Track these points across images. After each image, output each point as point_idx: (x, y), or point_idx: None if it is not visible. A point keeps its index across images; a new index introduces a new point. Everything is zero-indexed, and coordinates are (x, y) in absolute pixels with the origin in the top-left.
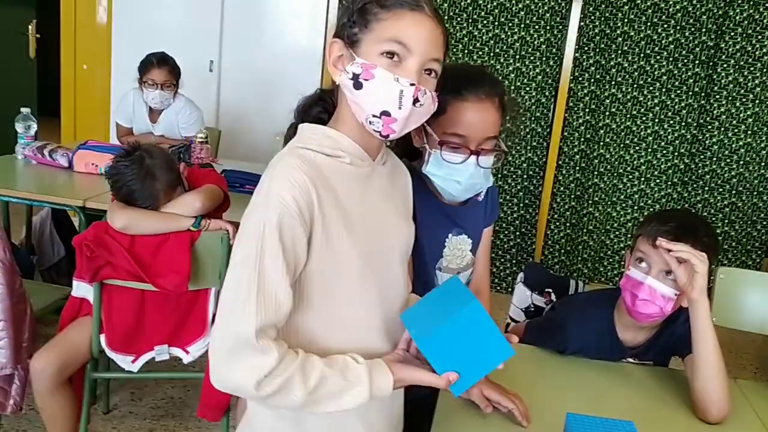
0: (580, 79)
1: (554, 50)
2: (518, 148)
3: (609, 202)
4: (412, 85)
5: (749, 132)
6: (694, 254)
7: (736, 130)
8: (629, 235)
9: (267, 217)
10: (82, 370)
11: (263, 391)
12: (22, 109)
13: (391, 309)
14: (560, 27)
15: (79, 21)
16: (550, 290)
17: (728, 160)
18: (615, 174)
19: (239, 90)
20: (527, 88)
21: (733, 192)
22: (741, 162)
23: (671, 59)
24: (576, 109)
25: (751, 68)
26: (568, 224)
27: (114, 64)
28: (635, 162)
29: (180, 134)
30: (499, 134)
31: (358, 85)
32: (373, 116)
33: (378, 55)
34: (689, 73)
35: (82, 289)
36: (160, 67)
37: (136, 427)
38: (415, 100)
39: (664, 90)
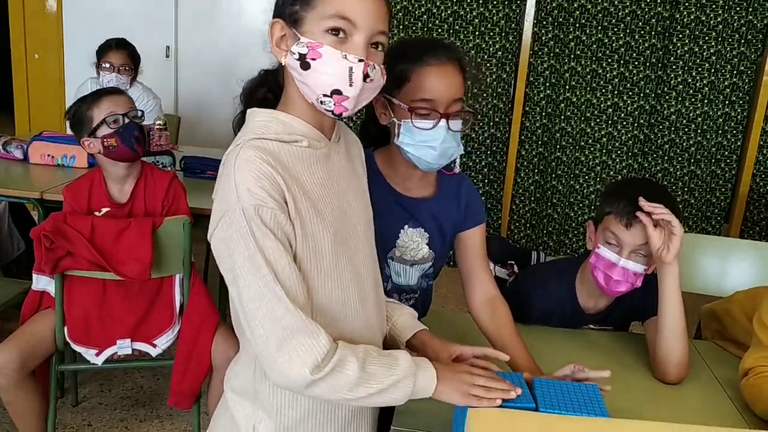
0: (540, 53)
1: (513, 25)
2: (481, 124)
3: (572, 175)
4: (360, 61)
5: (706, 101)
6: (674, 217)
7: (693, 100)
8: (592, 207)
9: (247, 216)
10: (46, 363)
11: (322, 372)
12: None
13: (365, 288)
14: (518, 2)
15: (28, 10)
16: (513, 262)
17: (686, 130)
18: (577, 147)
19: (197, 75)
20: (488, 65)
21: (692, 161)
22: (699, 131)
23: (628, 31)
24: (536, 83)
25: (706, 38)
26: (532, 198)
27: (66, 52)
28: (596, 134)
29: None
30: (464, 98)
31: (305, 66)
32: (324, 96)
33: (323, 32)
34: (646, 45)
35: (42, 282)
36: (118, 50)
37: (106, 417)
38: (366, 76)
39: (622, 62)
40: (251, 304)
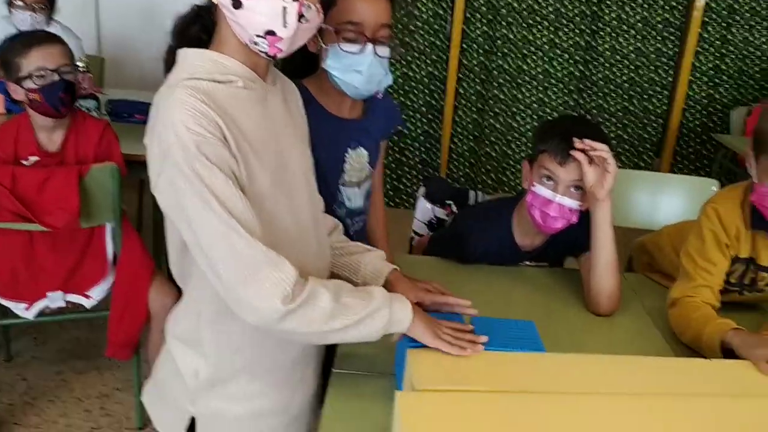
0: None
1: None
2: (418, 63)
3: (509, 113)
4: (295, 0)
5: (639, 37)
6: (609, 153)
7: (626, 36)
8: (530, 144)
9: (189, 155)
10: None
11: (294, 303)
12: None
13: (305, 233)
14: None
15: None
16: (451, 202)
17: (620, 66)
18: (514, 84)
19: (121, 13)
20: (423, 0)
21: (625, 96)
22: (632, 67)
23: None
24: (473, 20)
25: None
26: (471, 137)
27: None
28: (533, 71)
29: None
30: (391, 25)
31: (237, 4)
32: (258, 36)
33: None
34: None
35: None
36: None
37: (42, 372)
38: (300, 16)
39: None
40: (209, 245)
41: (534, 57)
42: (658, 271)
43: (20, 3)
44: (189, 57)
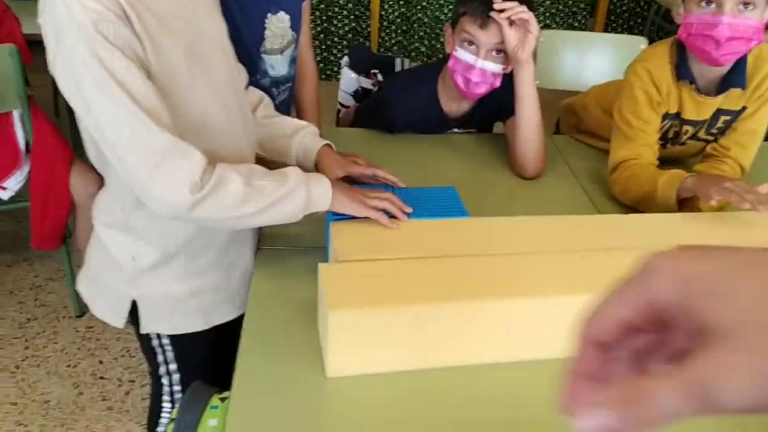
0: None
1: None
2: None
3: None
4: None
5: None
6: (529, 14)
7: None
8: None
9: (86, 34)
10: None
11: (203, 191)
12: None
13: (227, 102)
14: None
15: None
16: (377, 71)
17: None
18: None
19: None
20: None
21: None
22: None
23: None
24: None
25: None
26: (401, 2)
27: None
28: None
29: None
30: None
31: None
32: None
33: None
34: None
35: None
36: None
37: None
38: None
39: None
40: (112, 134)
41: None
42: (586, 132)
43: None
44: None
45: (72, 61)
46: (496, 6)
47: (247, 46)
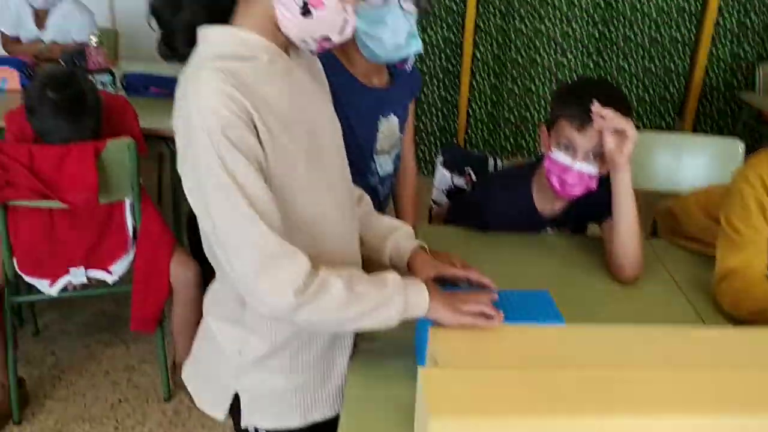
0: None
1: None
2: (434, 26)
3: (528, 76)
4: (355, 13)
5: None
6: (627, 121)
7: None
8: (549, 108)
9: (214, 138)
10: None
11: (306, 294)
12: None
13: (341, 202)
14: None
15: None
16: (470, 170)
17: (641, 25)
18: (532, 47)
19: None
20: None
21: (647, 56)
22: (653, 26)
23: None
24: None
25: None
26: (488, 101)
27: None
28: (551, 33)
29: (72, 39)
30: None
31: (306, 13)
32: (311, 38)
33: None
34: None
35: None
36: None
37: (70, 345)
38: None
39: None
40: (225, 233)
41: (552, 18)
42: (685, 236)
43: None
44: (211, 35)
45: (198, 163)
46: (594, 110)
47: (361, 148)
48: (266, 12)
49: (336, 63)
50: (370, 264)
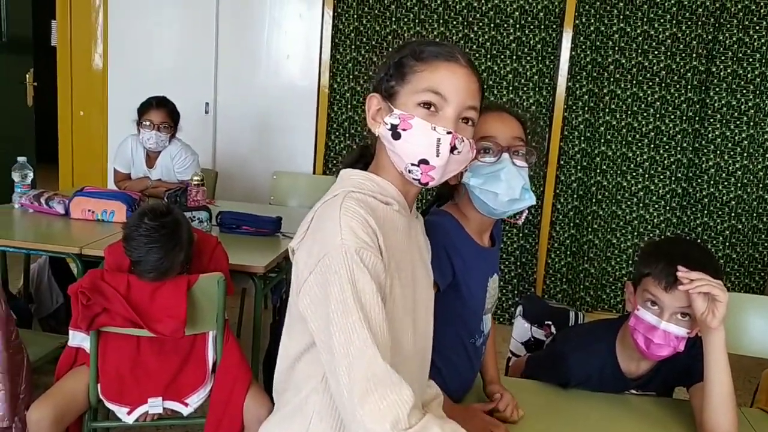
0: (574, 107)
1: (547, 80)
2: None
3: (608, 229)
4: (449, 133)
5: (745, 154)
6: (716, 285)
7: (732, 153)
8: (630, 262)
9: (349, 258)
10: (79, 421)
11: (405, 429)
12: (19, 158)
13: (421, 360)
14: (552, 57)
15: (75, 68)
16: (550, 322)
17: (726, 183)
18: (613, 200)
19: (235, 130)
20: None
21: (733, 215)
22: (738, 184)
23: (663, 85)
24: (571, 137)
25: (744, 91)
26: (568, 253)
27: (110, 109)
28: (633, 188)
29: (176, 178)
30: (525, 141)
31: (396, 136)
32: (412, 165)
33: (415, 105)
34: (682, 98)
35: (77, 339)
36: (158, 108)
37: None
38: (453, 148)
39: (657, 116)
40: (340, 351)
41: (634, 173)
42: None
43: (147, 123)
44: (353, 175)
45: (328, 278)
46: (680, 276)
47: (475, 309)
48: (391, 162)
49: (461, 231)
50: None
